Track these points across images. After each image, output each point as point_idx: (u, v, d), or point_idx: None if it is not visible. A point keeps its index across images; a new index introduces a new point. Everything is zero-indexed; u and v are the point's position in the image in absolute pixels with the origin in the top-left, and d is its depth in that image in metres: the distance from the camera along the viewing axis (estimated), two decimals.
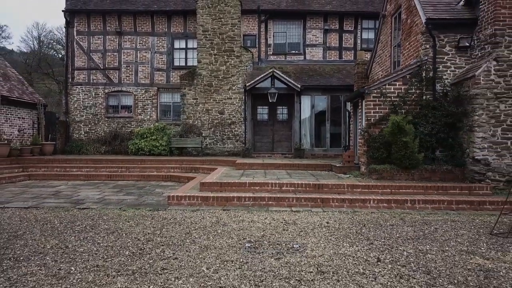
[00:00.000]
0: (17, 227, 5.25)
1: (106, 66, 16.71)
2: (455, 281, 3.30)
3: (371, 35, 16.36)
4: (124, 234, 4.86)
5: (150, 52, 16.64)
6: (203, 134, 15.26)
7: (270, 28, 16.56)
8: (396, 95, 8.70)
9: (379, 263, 3.78)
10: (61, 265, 3.67)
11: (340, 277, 3.37)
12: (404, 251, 4.19)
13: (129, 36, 16.68)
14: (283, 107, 15.08)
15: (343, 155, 10.23)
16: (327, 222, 5.60)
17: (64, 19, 16.81)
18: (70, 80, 16.76)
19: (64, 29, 17.35)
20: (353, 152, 9.99)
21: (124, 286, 3.15)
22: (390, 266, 3.69)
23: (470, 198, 7.09)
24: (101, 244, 4.39)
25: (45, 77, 33.95)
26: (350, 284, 3.22)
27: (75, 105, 16.72)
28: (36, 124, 14.48)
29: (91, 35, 16.72)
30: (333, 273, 3.48)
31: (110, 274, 3.43)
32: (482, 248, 4.32)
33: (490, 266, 3.71)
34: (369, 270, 3.56)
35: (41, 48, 35.82)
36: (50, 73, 32.37)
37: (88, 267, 3.63)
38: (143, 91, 16.67)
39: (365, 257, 3.95)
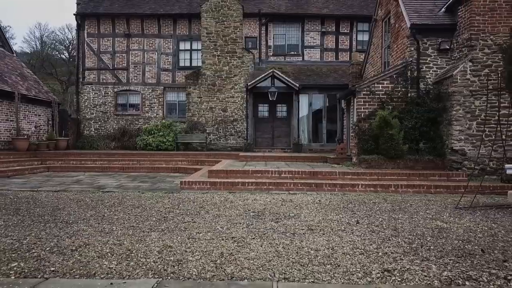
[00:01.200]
0: (56, 203, 6.20)
1: (115, 66, 17.67)
2: (414, 234, 4.24)
3: (365, 37, 17.28)
4: (147, 208, 5.80)
5: (156, 53, 17.60)
6: (207, 131, 16.21)
7: (270, 31, 17.50)
8: (384, 92, 9.64)
9: (357, 224, 4.73)
10: (104, 226, 4.62)
11: (325, 232, 4.32)
12: (379, 218, 5.13)
13: (137, 38, 17.64)
14: (283, 105, 16.03)
15: (336, 148, 11.18)
16: (319, 200, 6.55)
17: (75, 22, 17.72)
18: (81, 79, 17.72)
19: (66, 30, 18.31)
20: (346, 145, 10.95)
21: (158, 237, 4.10)
22: (366, 226, 4.64)
23: (447, 183, 8.04)
24: (131, 214, 5.33)
25: (49, 77, 34.86)
26: (333, 235, 4.17)
27: (86, 104, 17.67)
28: (51, 121, 15.43)
29: (101, 37, 17.67)
30: (320, 230, 4.43)
31: (145, 231, 4.37)
32: (444, 216, 5.26)
33: (445, 226, 4.66)
34: (349, 228, 4.50)
35: (43, 48, 36.69)
36: (54, 73, 33.27)
37: (126, 227, 4.57)
38: (150, 90, 17.62)
39: (347, 221, 4.89)
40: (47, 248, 3.63)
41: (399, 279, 2.89)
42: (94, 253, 3.49)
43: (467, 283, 2.83)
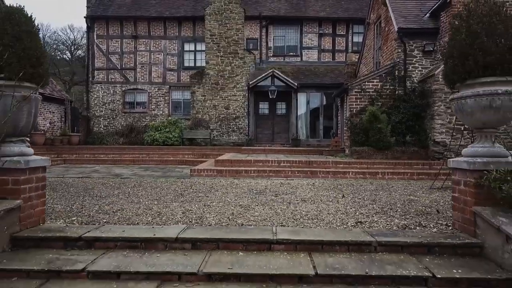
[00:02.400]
0: (85, 185, 7.14)
1: (123, 66, 18.62)
2: (388, 203, 5.19)
3: (360, 38, 18.13)
4: (165, 188, 6.74)
5: (162, 54, 18.55)
6: (211, 127, 17.17)
7: (270, 32, 18.45)
8: (374, 90, 10.60)
9: (343, 198, 5.68)
10: (132, 198, 5.56)
11: (315, 202, 5.26)
12: (363, 194, 6.08)
13: (144, 40, 18.59)
14: (282, 103, 16.99)
15: (331, 141, 12.13)
16: (313, 183, 7.49)
17: (85, 24, 18.68)
18: (91, 79, 18.67)
19: (68, 30, 19.20)
20: (340, 138, 11.91)
21: (179, 205, 5.04)
22: (350, 199, 5.59)
23: (429, 171, 8.98)
24: (152, 192, 6.27)
25: (52, 77, 35.73)
26: (321, 204, 5.12)
27: (95, 102, 18.62)
28: (64, 118, 16.40)
29: (109, 39, 18.62)
30: (311, 201, 5.38)
31: (167, 201, 5.32)
32: (417, 194, 6.21)
33: (415, 199, 5.61)
34: (335, 200, 5.45)
35: (45, 49, 37.56)
36: (57, 73, 34.13)
37: (150, 199, 5.52)
38: (156, 89, 18.57)
39: (334, 196, 5.84)
40: (93, 211, 4.58)
41: (368, 226, 3.84)
42: (131, 213, 4.44)
43: (417, 228, 3.78)
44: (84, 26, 18.43)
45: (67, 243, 3.29)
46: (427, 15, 10.58)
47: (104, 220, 4.03)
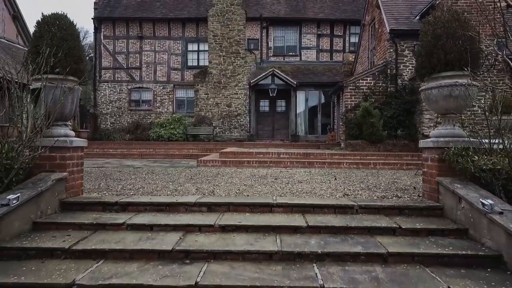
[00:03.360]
0: (103, 172, 7.89)
1: (129, 66, 19.37)
2: (374, 183, 5.94)
3: (357, 39, 18.92)
4: (176, 174, 7.49)
5: (167, 53, 19.30)
6: (213, 124, 17.91)
7: (271, 33, 19.20)
8: (367, 87, 11.35)
9: (335, 180, 6.43)
10: (149, 181, 6.31)
11: (310, 183, 6.01)
12: (353, 178, 6.83)
13: (149, 40, 19.34)
14: (282, 100, 17.74)
15: (327, 135, 12.88)
16: (310, 171, 8.24)
17: (93, 26, 19.42)
18: (98, 78, 19.42)
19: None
20: (336, 133, 12.66)
21: (191, 185, 5.78)
22: (341, 181, 6.33)
23: (417, 162, 9.69)
24: (165, 177, 7.01)
25: None
26: (315, 184, 5.87)
27: (102, 100, 19.37)
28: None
29: (116, 39, 19.37)
30: (307, 182, 6.13)
31: (180, 183, 6.07)
32: (402, 178, 6.95)
33: (399, 181, 6.36)
34: (328, 182, 6.20)
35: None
36: None
37: (165, 181, 6.26)
38: (161, 87, 19.32)
39: (328, 179, 6.59)
40: (118, 188, 5.33)
41: (353, 197, 4.58)
42: (152, 190, 5.19)
43: (394, 198, 4.53)
44: (86, 27, 19.27)
45: (105, 207, 4.03)
46: (417, 17, 11.33)
47: (132, 193, 4.79)
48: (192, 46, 19.37)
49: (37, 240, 3.26)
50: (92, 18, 19.24)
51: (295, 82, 16.62)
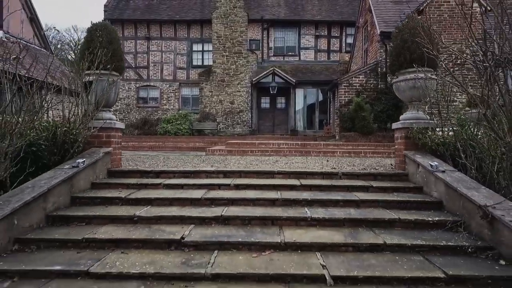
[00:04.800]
0: (125, 157, 8.95)
1: (137, 65, 20.46)
2: (360, 164, 7.04)
3: (353, 40, 20.08)
4: (189, 160, 8.57)
5: (173, 53, 20.40)
6: (217, 120, 19.01)
7: (271, 34, 20.30)
8: (359, 85, 12.44)
9: (327, 161, 7.53)
10: (167, 162, 7.40)
11: (305, 163, 7.11)
12: (344, 161, 7.93)
13: (156, 41, 20.44)
14: (282, 98, 18.83)
15: (324, 128, 13.98)
16: (306, 158, 9.34)
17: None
18: None
19: (72, 31, 21.02)
20: (331, 126, 13.76)
21: (205, 164, 6.88)
22: (332, 163, 7.43)
23: None
24: (181, 161, 8.09)
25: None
26: (309, 163, 6.96)
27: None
28: None
29: (124, 40, 20.44)
30: (302, 163, 7.23)
31: (195, 164, 7.16)
32: (385, 161, 8.05)
33: (381, 162, 7.46)
34: (320, 163, 7.30)
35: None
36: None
37: (182, 163, 7.35)
38: (168, 85, 20.42)
39: (321, 161, 7.69)
40: (147, 164, 6.42)
41: (338, 169, 5.68)
42: (176, 165, 6.28)
43: (372, 170, 5.62)
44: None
45: (143, 174, 5.13)
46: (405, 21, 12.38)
47: (161, 166, 5.88)
48: (196, 47, 20.46)
49: (98, 193, 4.36)
50: (102, 20, 20.28)
51: (294, 81, 17.70)
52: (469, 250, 3.10)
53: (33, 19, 17.30)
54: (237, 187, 4.61)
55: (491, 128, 3.75)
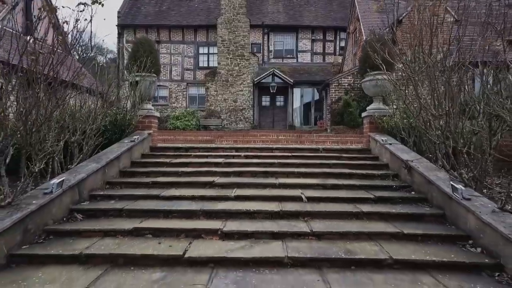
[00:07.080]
0: None
1: None
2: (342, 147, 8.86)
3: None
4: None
5: (181, 56, 22.21)
6: (222, 117, 20.82)
7: (271, 38, 22.12)
8: (348, 84, 14.26)
9: (316, 145, 9.34)
10: None
11: (299, 145, 8.93)
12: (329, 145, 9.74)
13: (165, 44, 22.24)
14: (281, 96, 20.65)
15: (317, 123, 15.80)
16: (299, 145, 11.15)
17: (117, 31, 22.35)
18: (121, 76, 22.30)
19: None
20: (324, 121, 15.57)
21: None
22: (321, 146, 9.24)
23: None
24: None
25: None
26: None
27: (124, 96, 22.24)
28: None
29: None
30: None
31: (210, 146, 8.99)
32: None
33: (358, 145, 9.28)
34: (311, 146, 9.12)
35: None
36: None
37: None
38: (176, 85, 22.23)
39: (311, 146, 9.50)
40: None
41: (323, 148, 7.49)
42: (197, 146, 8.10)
43: (346, 147, 7.44)
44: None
45: (175, 150, 6.95)
46: (387, 29, 14.20)
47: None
48: (203, 49, 22.27)
49: (149, 159, 6.19)
50: (116, 25, 22.15)
51: (292, 81, 19.51)
52: (394, 187, 4.94)
53: (56, 26, 19.10)
54: (246, 157, 6.44)
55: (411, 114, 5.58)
